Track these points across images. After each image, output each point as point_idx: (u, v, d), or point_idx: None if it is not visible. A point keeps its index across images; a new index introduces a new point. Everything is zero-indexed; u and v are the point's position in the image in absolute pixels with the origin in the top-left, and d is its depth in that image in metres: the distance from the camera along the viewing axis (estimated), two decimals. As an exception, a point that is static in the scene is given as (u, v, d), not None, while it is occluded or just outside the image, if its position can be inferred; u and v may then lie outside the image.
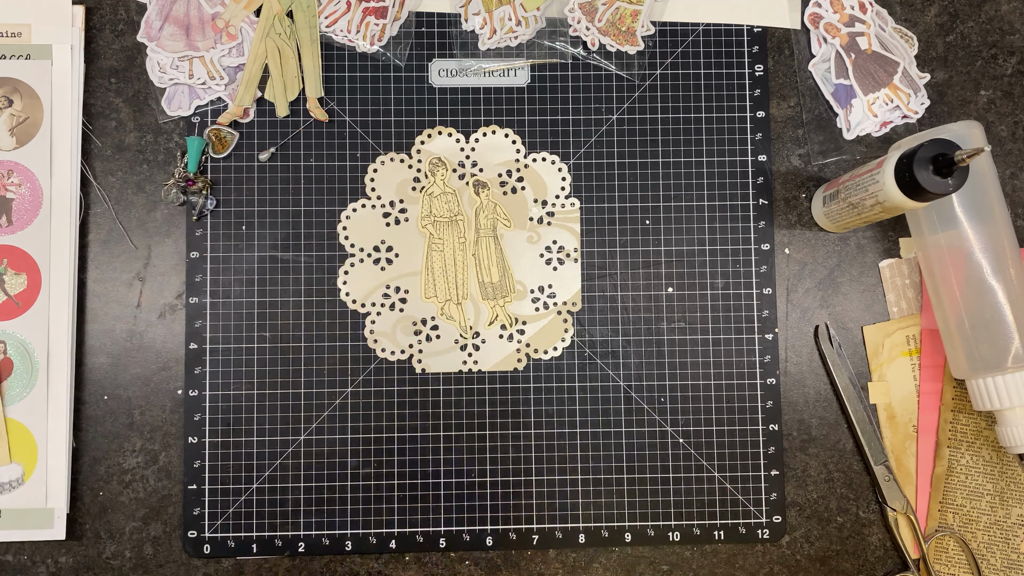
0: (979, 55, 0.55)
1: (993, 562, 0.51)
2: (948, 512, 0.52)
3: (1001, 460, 0.52)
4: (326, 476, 0.51)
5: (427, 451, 0.51)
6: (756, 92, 0.54)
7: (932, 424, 0.52)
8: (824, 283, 0.54)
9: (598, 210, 0.53)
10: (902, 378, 0.53)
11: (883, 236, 0.54)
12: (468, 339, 0.52)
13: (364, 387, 0.52)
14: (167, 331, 0.52)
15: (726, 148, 0.54)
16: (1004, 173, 0.54)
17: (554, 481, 0.52)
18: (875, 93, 0.54)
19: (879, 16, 0.54)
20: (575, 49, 0.54)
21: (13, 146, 0.51)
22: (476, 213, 0.52)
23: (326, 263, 0.52)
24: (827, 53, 0.54)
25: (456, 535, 0.51)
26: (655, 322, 0.52)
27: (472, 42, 0.54)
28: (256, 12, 0.52)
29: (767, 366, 0.52)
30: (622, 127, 0.54)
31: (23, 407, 0.50)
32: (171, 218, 0.52)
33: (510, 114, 0.53)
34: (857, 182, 0.47)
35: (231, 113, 0.52)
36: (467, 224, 0.52)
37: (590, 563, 0.52)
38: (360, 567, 0.51)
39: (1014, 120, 0.55)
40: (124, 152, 0.53)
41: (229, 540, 0.50)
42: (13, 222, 0.51)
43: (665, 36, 0.54)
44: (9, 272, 0.50)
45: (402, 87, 0.53)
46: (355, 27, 0.53)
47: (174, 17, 0.52)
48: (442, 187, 0.52)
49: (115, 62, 0.53)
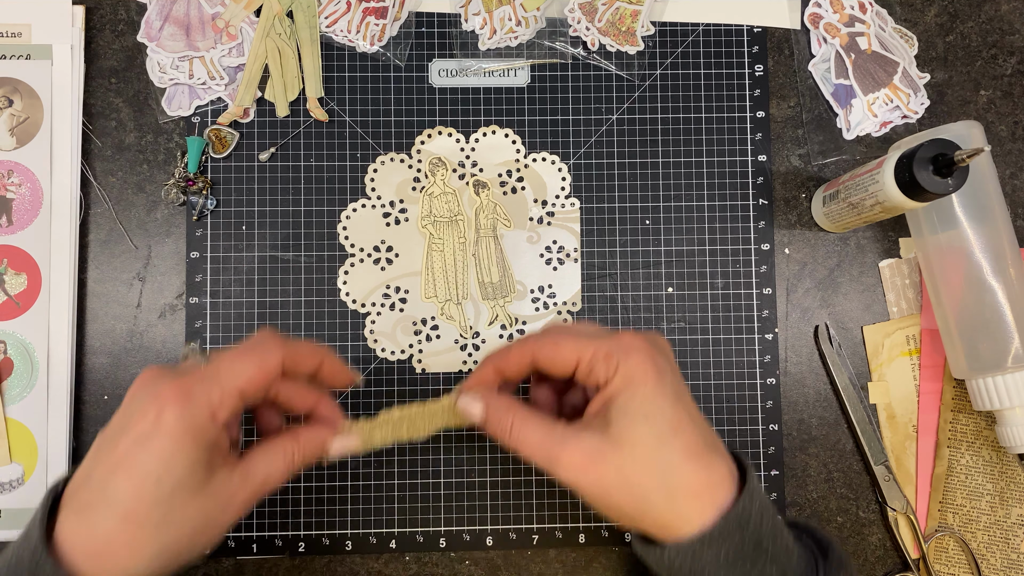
0: (979, 55, 0.55)
1: (993, 562, 0.51)
2: (948, 512, 0.52)
3: (1001, 460, 0.52)
4: (326, 476, 0.51)
5: (427, 451, 0.51)
6: (756, 92, 0.54)
7: (932, 424, 0.52)
8: (824, 283, 0.54)
9: (598, 210, 0.53)
10: (902, 378, 0.53)
11: (883, 236, 0.54)
12: (468, 339, 0.52)
13: (364, 386, 0.52)
14: (167, 331, 0.52)
15: (726, 148, 0.54)
16: (1004, 173, 0.54)
17: (554, 481, 0.52)
18: (875, 93, 0.54)
19: (879, 16, 0.54)
20: (575, 49, 0.54)
21: (13, 146, 0.51)
22: (476, 213, 0.52)
23: (326, 263, 0.52)
24: (827, 53, 0.54)
25: (456, 535, 0.51)
26: (655, 322, 0.52)
27: (472, 42, 0.54)
28: (256, 12, 0.52)
29: (767, 366, 0.52)
30: (622, 127, 0.54)
31: (23, 407, 0.50)
32: (171, 218, 0.52)
33: (510, 114, 0.53)
34: (857, 182, 0.47)
35: (231, 113, 0.52)
36: (467, 224, 0.52)
37: (590, 563, 0.52)
38: (360, 567, 0.51)
39: (1014, 120, 0.55)
40: (124, 152, 0.53)
41: (229, 540, 0.50)
42: (13, 222, 0.51)
43: (665, 36, 0.54)
44: (9, 272, 0.50)
45: (402, 87, 0.53)
46: (355, 27, 0.53)
47: (174, 17, 0.52)
48: (442, 187, 0.52)
49: (115, 62, 0.53)
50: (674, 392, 0.37)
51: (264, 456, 0.38)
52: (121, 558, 0.33)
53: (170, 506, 0.34)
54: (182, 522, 0.34)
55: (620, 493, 0.36)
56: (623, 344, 0.38)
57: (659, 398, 0.37)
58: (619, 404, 0.37)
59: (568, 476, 0.37)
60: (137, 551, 0.34)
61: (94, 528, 0.34)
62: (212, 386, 0.35)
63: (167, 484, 0.34)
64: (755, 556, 0.36)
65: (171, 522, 0.34)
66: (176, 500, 0.34)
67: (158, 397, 0.35)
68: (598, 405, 0.39)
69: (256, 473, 0.37)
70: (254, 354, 0.37)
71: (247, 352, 0.37)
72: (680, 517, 0.36)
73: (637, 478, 0.36)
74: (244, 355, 0.37)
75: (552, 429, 0.38)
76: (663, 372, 0.38)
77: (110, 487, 0.34)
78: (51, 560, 0.33)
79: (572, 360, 0.39)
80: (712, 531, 0.35)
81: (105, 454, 0.35)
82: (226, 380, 0.36)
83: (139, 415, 0.35)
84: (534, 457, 0.38)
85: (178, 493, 0.34)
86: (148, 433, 0.34)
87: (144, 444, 0.34)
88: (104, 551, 0.33)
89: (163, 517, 0.34)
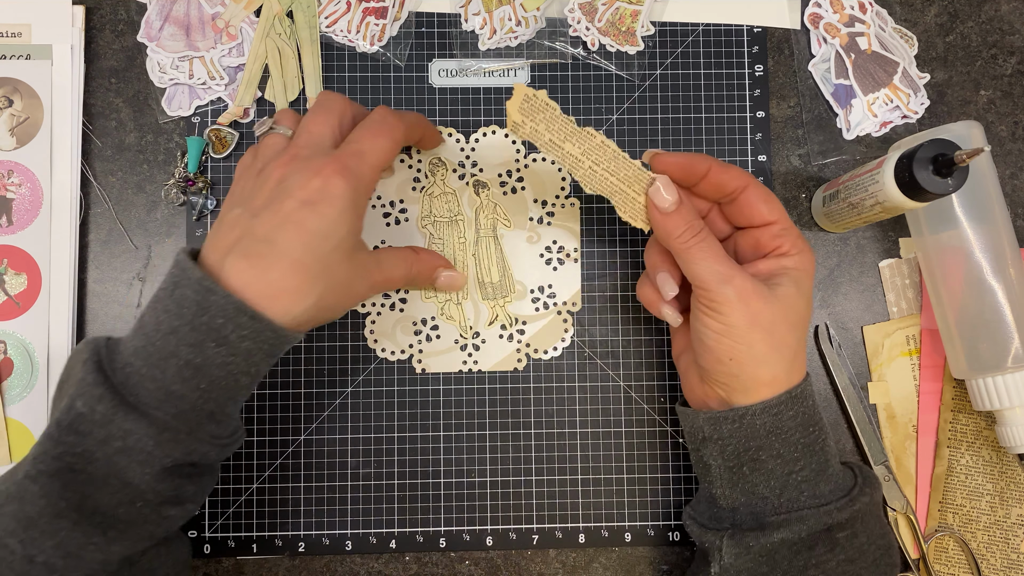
0: (979, 55, 0.55)
1: (993, 562, 0.51)
2: (948, 512, 0.52)
3: (1001, 460, 0.52)
4: (326, 476, 0.51)
5: (427, 451, 0.51)
6: (756, 92, 0.54)
7: (932, 424, 0.52)
8: (824, 283, 0.54)
9: (598, 210, 0.53)
10: (902, 378, 0.53)
11: (883, 236, 0.54)
12: (468, 339, 0.52)
13: (364, 387, 0.52)
14: (167, 331, 0.51)
15: (726, 148, 0.54)
16: (1004, 173, 0.54)
17: (554, 481, 0.52)
18: (875, 93, 0.54)
19: (879, 16, 0.54)
20: (575, 49, 0.54)
21: (13, 146, 0.51)
22: (476, 213, 0.52)
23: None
24: (827, 53, 0.54)
25: (456, 535, 0.51)
26: (655, 321, 0.52)
27: (472, 42, 0.54)
28: (256, 12, 0.53)
29: (767, 366, 0.52)
30: (622, 127, 0.54)
31: (23, 407, 0.50)
32: (171, 218, 0.52)
33: (510, 114, 0.53)
34: (857, 182, 0.47)
35: (231, 113, 0.52)
36: (467, 224, 0.52)
37: (590, 563, 0.52)
38: (360, 567, 0.51)
39: (1014, 120, 0.55)
40: (124, 152, 0.53)
41: (229, 540, 0.50)
42: (13, 222, 0.51)
43: (665, 36, 0.54)
44: (9, 272, 0.50)
45: (402, 87, 0.53)
46: (355, 27, 0.53)
47: (174, 17, 0.52)
48: (442, 187, 0.52)
49: (115, 62, 0.53)
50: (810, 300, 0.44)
51: (391, 255, 0.46)
52: (288, 301, 0.38)
53: (329, 262, 0.39)
54: (335, 279, 0.40)
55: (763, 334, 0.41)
56: (804, 240, 0.44)
57: (810, 296, 0.43)
58: (792, 276, 0.42)
59: (732, 295, 0.40)
60: (301, 297, 0.38)
61: (266, 272, 0.37)
62: (362, 163, 0.40)
63: (331, 243, 0.39)
64: (820, 426, 0.43)
65: (328, 276, 0.39)
66: (333, 258, 0.39)
67: (321, 171, 0.39)
68: (771, 266, 0.43)
69: (385, 264, 0.45)
70: (387, 131, 0.42)
71: (380, 130, 0.42)
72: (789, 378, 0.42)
73: (782, 331, 0.41)
74: (379, 133, 0.41)
75: (727, 256, 0.42)
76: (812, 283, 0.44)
77: (280, 240, 0.38)
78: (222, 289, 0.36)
79: (774, 217, 0.43)
80: (794, 390, 0.41)
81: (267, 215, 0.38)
82: (371, 158, 0.41)
83: (300, 185, 0.39)
84: (706, 271, 0.41)
85: (335, 253, 0.39)
86: (314, 199, 0.38)
87: (313, 207, 0.38)
88: (275, 293, 0.37)
89: (323, 271, 0.39)
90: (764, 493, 0.42)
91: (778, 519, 0.41)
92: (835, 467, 0.43)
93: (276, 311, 0.37)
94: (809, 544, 0.41)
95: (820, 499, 0.42)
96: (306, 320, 0.39)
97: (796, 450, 0.42)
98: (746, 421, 0.41)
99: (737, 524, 0.43)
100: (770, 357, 0.41)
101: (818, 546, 0.41)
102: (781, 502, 0.42)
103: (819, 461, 0.42)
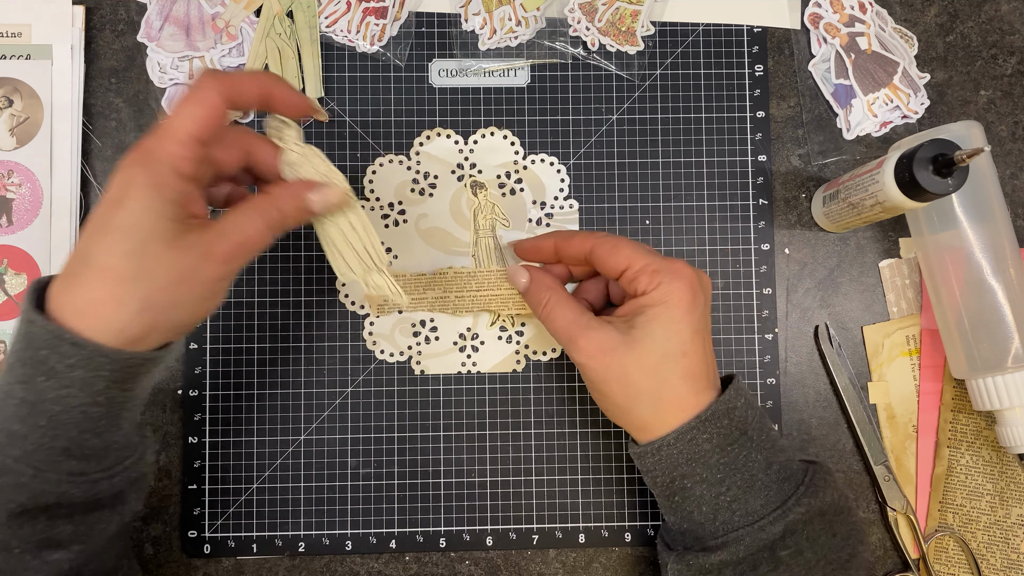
0: (979, 55, 0.55)
1: (993, 562, 0.51)
2: (948, 512, 0.52)
3: (1001, 460, 0.52)
4: (326, 476, 0.51)
5: (427, 451, 0.51)
6: (756, 92, 0.54)
7: (932, 424, 0.52)
8: (824, 283, 0.54)
9: (598, 211, 0.53)
10: (902, 378, 0.53)
11: (883, 236, 0.54)
12: (467, 341, 0.52)
13: (364, 387, 0.52)
14: (167, 331, 0.51)
15: (726, 148, 0.54)
16: (1004, 173, 0.54)
17: (554, 481, 0.52)
18: (875, 93, 0.54)
19: (879, 16, 0.54)
20: (575, 49, 0.54)
21: (13, 146, 0.51)
22: (474, 214, 0.52)
23: (326, 264, 0.52)
24: (827, 53, 0.54)
25: (456, 535, 0.51)
26: (655, 322, 0.52)
27: (472, 42, 0.54)
28: (256, 12, 0.53)
29: (767, 366, 0.52)
30: (622, 127, 0.54)
31: (23, 407, 0.50)
32: (171, 218, 0.52)
33: (510, 114, 0.53)
34: (857, 182, 0.47)
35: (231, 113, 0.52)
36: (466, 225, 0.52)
37: (590, 563, 0.52)
38: (360, 567, 0.51)
39: (1014, 120, 0.55)
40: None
41: (229, 540, 0.50)
42: (13, 222, 0.51)
43: (665, 36, 0.54)
44: (9, 272, 0.50)
45: (402, 87, 0.53)
46: (355, 27, 0.53)
47: (174, 17, 0.52)
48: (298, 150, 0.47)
49: (115, 62, 0.53)
50: (697, 324, 0.42)
51: (238, 213, 0.39)
52: (106, 313, 0.35)
53: (143, 257, 0.35)
54: (158, 273, 0.35)
55: (617, 385, 0.42)
56: (672, 268, 0.42)
57: (682, 323, 0.41)
58: (647, 314, 0.42)
59: (579, 357, 0.43)
60: (120, 305, 0.35)
61: (79, 289, 0.35)
62: (166, 140, 0.36)
63: (138, 236, 0.35)
64: (742, 441, 0.41)
65: (147, 272, 0.35)
66: (149, 251, 0.35)
67: (124, 165, 0.36)
68: (629, 308, 0.43)
69: (231, 228, 0.38)
70: (193, 96, 0.37)
71: (186, 98, 0.37)
72: (661, 422, 0.41)
73: (635, 378, 0.41)
74: (184, 102, 0.37)
75: (581, 315, 0.44)
76: (695, 304, 0.42)
77: (90, 251, 0.35)
78: (40, 316, 0.34)
79: (623, 264, 0.43)
80: (703, 414, 0.41)
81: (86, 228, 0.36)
82: (177, 130, 0.36)
83: (110, 186, 0.36)
84: (558, 334, 0.44)
85: (150, 245, 0.35)
86: (119, 196, 0.35)
87: (116, 206, 0.35)
88: (89, 308, 0.35)
89: (138, 268, 0.35)
90: (699, 519, 0.42)
91: (716, 542, 0.41)
92: (765, 479, 0.41)
93: (97, 328, 0.34)
94: (752, 564, 0.40)
95: (752, 516, 0.41)
96: (142, 330, 0.35)
97: (719, 471, 0.41)
98: (663, 452, 0.41)
99: (688, 547, 0.43)
100: (630, 405, 0.42)
101: (761, 566, 0.40)
102: (717, 525, 0.41)
103: (744, 477, 0.41)
